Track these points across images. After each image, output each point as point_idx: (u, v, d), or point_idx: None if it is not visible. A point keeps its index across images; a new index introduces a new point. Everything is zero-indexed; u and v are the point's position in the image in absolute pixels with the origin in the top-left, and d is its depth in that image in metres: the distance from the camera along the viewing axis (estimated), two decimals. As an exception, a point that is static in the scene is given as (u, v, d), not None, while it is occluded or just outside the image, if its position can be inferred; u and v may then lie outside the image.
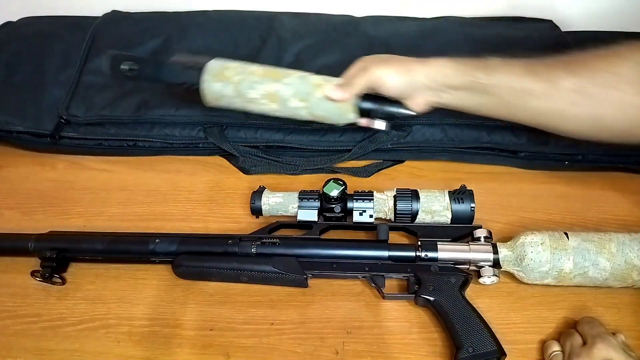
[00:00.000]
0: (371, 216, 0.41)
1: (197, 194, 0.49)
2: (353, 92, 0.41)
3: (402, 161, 0.50)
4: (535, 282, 0.39)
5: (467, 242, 0.40)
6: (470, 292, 0.39)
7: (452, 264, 0.39)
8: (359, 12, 0.59)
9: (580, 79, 0.35)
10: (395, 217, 0.42)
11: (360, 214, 0.41)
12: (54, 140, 0.51)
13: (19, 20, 0.60)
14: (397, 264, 0.40)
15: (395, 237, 0.43)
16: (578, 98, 0.35)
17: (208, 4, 0.59)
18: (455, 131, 0.48)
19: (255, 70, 0.43)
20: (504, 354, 0.36)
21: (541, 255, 0.37)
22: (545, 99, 0.36)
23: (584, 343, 0.34)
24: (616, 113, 0.35)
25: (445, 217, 0.41)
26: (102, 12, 0.59)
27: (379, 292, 0.40)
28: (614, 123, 0.36)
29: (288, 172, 0.49)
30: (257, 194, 0.43)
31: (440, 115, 0.48)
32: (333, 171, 0.49)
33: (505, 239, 0.40)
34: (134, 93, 0.51)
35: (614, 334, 0.34)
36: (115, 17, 0.58)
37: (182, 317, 0.40)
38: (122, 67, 0.43)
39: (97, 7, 0.59)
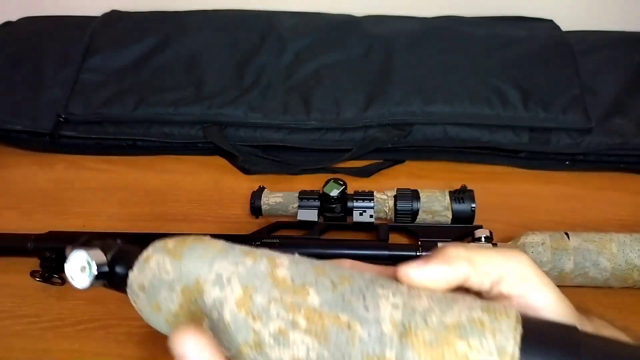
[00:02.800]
0: (371, 216, 0.41)
1: (196, 194, 0.48)
2: None
3: (403, 161, 0.50)
4: (536, 283, 0.38)
5: (468, 242, 0.40)
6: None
7: (452, 264, 0.39)
8: (359, 11, 0.59)
9: None
10: (395, 217, 0.42)
11: (361, 214, 0.41)
12: (53, 139, 0.50)
13: (18, 20, 0.60)
14: (397, 264, 0.39)
15: (395, 237, 0.42)
16: None
17: (208, 3, 0.59)
18: (456, 130, 0.48)
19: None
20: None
21: (542, 256, 0.37)
22: None
23: None
24: None
25: (445, 217, 0.41)
26: (101, 12, 0.59)
27: (379, 293, 0.39)
28: None
29: (288, 172, 0.49)
30: (257, 194, 0.43)
31: (440, 114, 0.48)
32: (333, 171, 0.49)
33: (506, 239, 0.40)
34: (133, 90, 0.51)
35: None
36: (114, 17, 0.58)
37: (182, 317, 0.40)
38: None
39: (96, 7, 0.59)
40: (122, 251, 0.24)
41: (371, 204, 0.41)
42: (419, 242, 0.40)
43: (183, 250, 0.22)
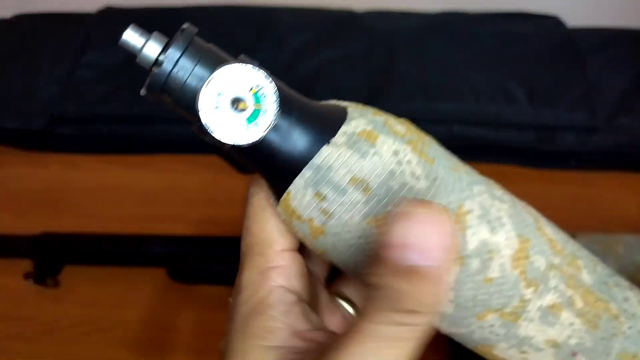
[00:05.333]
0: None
1: (193, 194, 0.48)
2: None
3: (405, 160, 0.49)
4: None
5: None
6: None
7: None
8: (360, 6, 0.57)
9: None
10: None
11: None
12: (47, 137, 0.50)
13: (12, 17, 0.59)
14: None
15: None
16: None
17: (205, -1, 0.58)
18: (460, 128, 0.47)
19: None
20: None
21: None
22: None
23: None
24: None
25: (449, 218, 0.40)
26: (96, 8, 0.58)
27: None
28: None
29: (287, 171, 0.48)
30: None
31: (444, 112, 0.47)
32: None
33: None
34: (128, 87, 0.50)
35: None
36: (110, 13, 0.57)
37: (178, 321, 0.39)
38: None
39: (91, 3, 0.58)
40: (282, 91, 0.15)
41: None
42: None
43: (427, 148, 0.15)
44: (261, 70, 0.15)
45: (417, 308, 0.13)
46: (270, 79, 0.15)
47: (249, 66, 0.14)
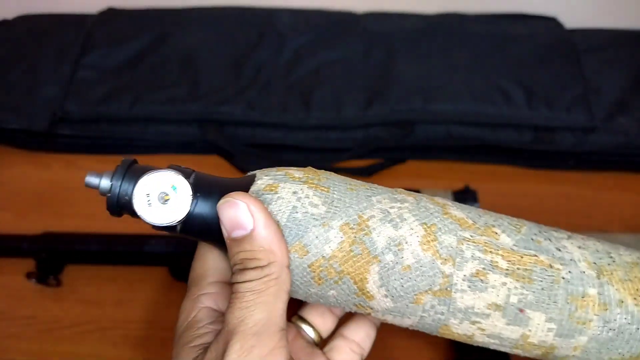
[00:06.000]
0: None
1: (194, 194, 0.48)
2: None
3: (404, 160, 0.49)
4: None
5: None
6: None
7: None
8: (359, 7, 0.58)
9: None
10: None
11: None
12: (49, 137, 0.50)
13: (14, 18, 0.60)
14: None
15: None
16: None
17: (205, 0, 0.58)
18: (459, 129, 0.48)
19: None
20: (508, 357, 0.35)
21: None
22: None
23: None
24: None
25: (447, 218, 0.40)
26: (97, 9, 0.58)
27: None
28: None
29: (287, 171, 0.48)
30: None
31: (442, 113, 0.48)
32: (333, 170, 0.48)
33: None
34: (129, 88, 0.50)
35: None
36: (111, 14, 0.57)
37: (180, 320, 0.39)
38: None
39: (93, 5, 0.58)
40: (202, 178, 0.21)
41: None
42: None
43: (322, 181, 0.20)
44: (172, 171, 0.21)
45: (256, 264, 0.19)
46: (179, 173, 0.21)
47: (158, 172, 0.21)
